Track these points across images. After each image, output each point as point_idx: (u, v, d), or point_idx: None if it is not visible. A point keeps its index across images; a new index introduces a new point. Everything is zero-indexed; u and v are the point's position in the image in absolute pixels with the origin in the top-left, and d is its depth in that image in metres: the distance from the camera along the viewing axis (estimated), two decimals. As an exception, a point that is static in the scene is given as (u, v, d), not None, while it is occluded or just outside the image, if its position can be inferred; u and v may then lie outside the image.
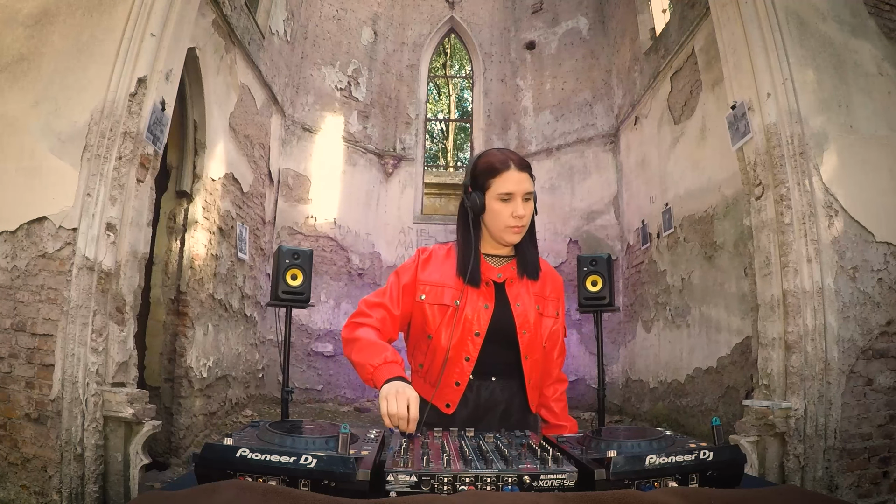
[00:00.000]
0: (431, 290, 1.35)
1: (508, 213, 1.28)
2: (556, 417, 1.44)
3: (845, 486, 2.38)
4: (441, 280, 1.36)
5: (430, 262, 1.40)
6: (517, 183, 1.27)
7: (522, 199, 1.29)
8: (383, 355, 1.18)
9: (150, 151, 2.65)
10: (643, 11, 6.60)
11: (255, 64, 5.55)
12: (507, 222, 1.29)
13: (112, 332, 2.44)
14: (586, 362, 6.85)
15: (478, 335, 1.31)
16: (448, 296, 1.33)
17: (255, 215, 5.89)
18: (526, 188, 1.28)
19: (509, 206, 1.28)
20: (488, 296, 1.34)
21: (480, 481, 0.79)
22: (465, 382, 1.32)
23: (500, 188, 1.28)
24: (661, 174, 5.84)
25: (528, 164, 1.32)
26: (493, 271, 1.37)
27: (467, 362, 1.31)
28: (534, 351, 1.35)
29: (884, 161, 2.72)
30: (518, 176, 1.28)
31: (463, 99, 17.52)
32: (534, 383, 1.37)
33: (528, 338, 1.34)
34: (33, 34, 2.67)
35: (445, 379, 1.31)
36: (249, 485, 0.73)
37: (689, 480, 0.85)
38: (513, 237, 1.32)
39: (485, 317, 1.32)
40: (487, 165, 1.31)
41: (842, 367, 2.45)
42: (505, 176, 1.28)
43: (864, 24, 2.89)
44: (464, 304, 1.32)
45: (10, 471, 2.36)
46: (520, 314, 1.34)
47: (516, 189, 1.27)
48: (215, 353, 4.81)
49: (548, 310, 1.40)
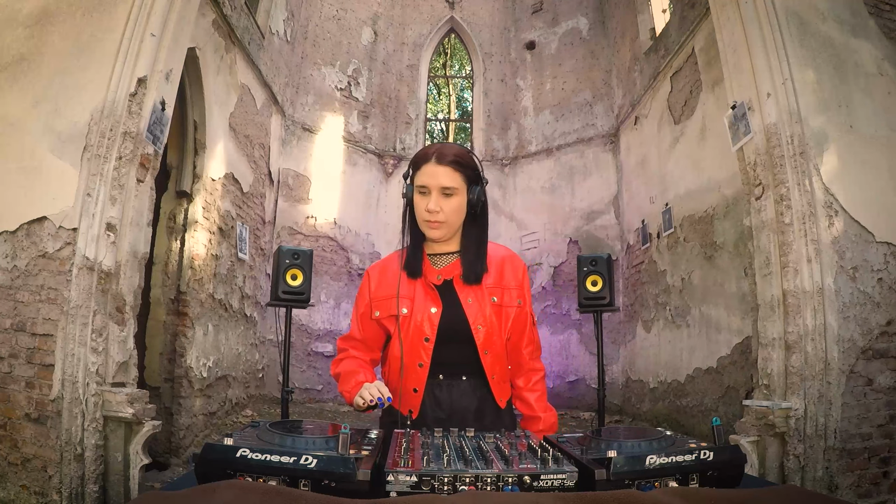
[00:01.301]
0: (382, 303, 1.36)
1: (423, 206, 1.28)
2: (531, 409, 1.40)
3: (845, 486, 2.38)
4: (389, 291, 1.35)
5: (380, 277, 1.40)
6: (431, 176, 1.26)
7: (440, 194, 1.27)
8: (355, 379, 1.27)
9: (150, 151, 2.65)
10: (643, 11, 6.61)
11: (255, 64, 5.55)
12: (422, 216, 1.29)
13: (112, 332, 2.44)
14: (586, 362, 6.85)
15: (427, 340, 1.30)
16: (396, 305, 1.33)
17: (255, 215, 5.89)
18: (442, 182, 1.26)
19: (425, 199, 1.28)
20: (434, 298, 1.32)
21: (480, 481, 0.79)
22: (422, 389, 1.31)
23: (418, 180, 1.29)
24: (661, 174, 5.84)
25: (460, 161, 1.28)
26: (434, 273, 1.35)
27: (421, 368, 1.31)
28: (493, 345, 1.32)
29: (884, 161, 2.72)
30: (434, 169, 1.26)
31: (463, 99, 17.52)
32: (498, 378, 1.34)
33: (484, 332, 1.31)
34: (33, 34, 2.67)
35: (404, 386, 1.31)
36: (249, 485, 0.73)
37: (689, 480, 0.85)
38: (429, 231, 1.30)
39: (433, 320, 1.31)
40: (417, 157, 1.32)
41: (842, 367, 2.45)
42: (423, 168, 1.28)
43: (864, 24, 2.89)
44: (412, 311, 1.31)
45: (10, 471, 2.36)
46: (472, 309, 1.32)
47: (430, 182, 1.26)
48: (215, 353, 4.81)
49: (507, 299, 1.35)
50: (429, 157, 1.28)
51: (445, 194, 1.27)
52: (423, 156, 1.30)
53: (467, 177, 1.30)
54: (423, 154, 1.31)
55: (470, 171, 1.30)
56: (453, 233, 1.34)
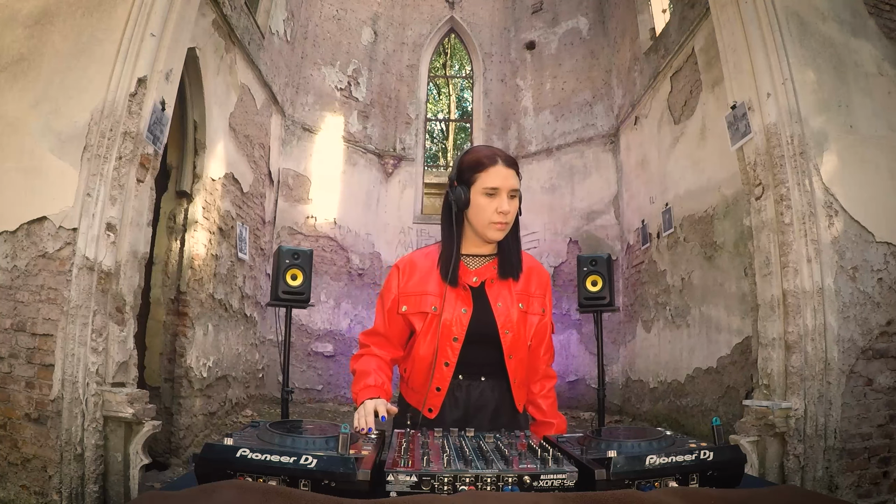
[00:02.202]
0: (412, 299, 1.36)
1: (493, 208, 1.28)
2: (544, 414, 1.43)
3: (845, 486, 2.38)
4: (421, 287, 1.36)
5: (410, 272, 1.39)
6: (503, 178, 1.27)
7: (508, 196, 1.28)
8: (364, 382, 1.29)
9: (150, 151, 2.65)
10: (643, 11, 6.60)
11: (255, 64, 5.55)
12: (491, 218, 1.28)
13: (112, 332, 2.44)
14: (586, 362, 6.85)
15: (456, 340, 1.31)
16: (427, 302, 1.34)
17: (255, 215, 5.89)
18: (512, 185, 1.28)
19: (494, 201, 1.28)
20: (466, 300, 1.33)
21: (480, 481, 0.79)
22: (445, 388, 1.32)
23: (486, 182, 1.28)
24: (661, 174, 5.84)
25: (515, 162, 1.32)
26: (470, 275, 1.36)
27: (447, 367, 1.32)
28: (518, 350, 1.35)
29: (884, 161, 2.72)
30: (505, 172, 1.28)
31: (463, 99, 17.52)
32: (519, 382, 1.37)
33: (511, 337, 1.33)
34: (33, 34, 2.67)
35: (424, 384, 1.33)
36: (249, 485, 0.73)
37: (689, 480, 0.85)
38: (496, 234, 1.31)
39: (463, 321, 1.32)
40: (474, 160, 1.31)
41: (842, 367, 2.45)
42: (491, 171, 1.28)
43: (864, 24, 2.89)
44: (442, 309, 1.31)
45: (10, 471, 2.36)
46: (501, 314, 1.33)
47: (502, 184, 1.27)
48: (215, 353, 4.81)
49: (532, 307, 1.38)
50: (496, 160, 1.28)
51: (511, 196, 1.29)
52: (487, 158, 1.29)
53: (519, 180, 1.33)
54: (485, 156, 1.30)
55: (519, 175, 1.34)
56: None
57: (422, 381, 1.34)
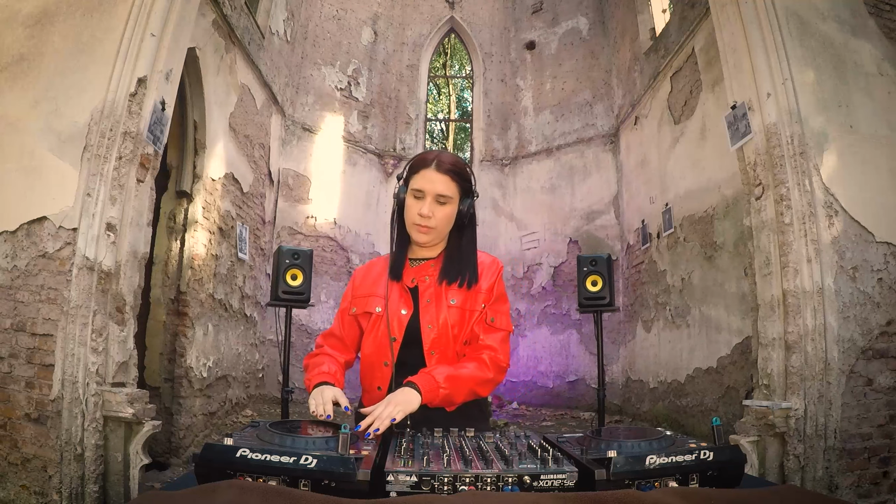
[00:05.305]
0: (360, 300, 1.39)
1: (416, 210, 1.29)
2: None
3: (845, 486, 2.38)
4: (370, 289, 1.38)
5: (365, 275, 1.43)
6: (431, 182, 1.28)
7: (435, 201, 1.28)
8: (318, 370, 1.31)
9: (150, 151, 2.65)
10: (643, 11, 6.60)
11: (255, 64, 5.55)
12: (413, 219, 1.30)
13: (112, 332, 2.44)
14: (586, 362, 6.85)
15: (394, 340, 1.32)
16: (373, 303, 1.36)
17: (255, 215, 5.89)
18: (439, 190, 1.28)
19: (419, 203, 1.29)
20: (407, 301, 1.34)
21: (480, 481, 0.79)
22: (386, 387, 1.32)
23: (415, 184, 1.30)
24: (661, 174, 5.84)
25: (458, 171, 1.30)
26: (409, 274, 1.37)
27: (386, 367, 1.32)
28: (441, 346, 1.30)
29: (884, 161, 2.72)
30: (436, 176, 1.28)
31: (463, 99, 17.51)
32: None
33: (435, 332, 1.30)
34: (33, 34, 2.67)
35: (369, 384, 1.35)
36: (249, 485, 0.73)
37: (689, 480, 0.85)
38: (417, 235, 1.32)
39: (403, 321, 1.32)
40: (415, 161, 1.34)
41: (842, 367, 2.45)
42: (423, 173, 1.29)
43: (864, 24, 2.89)
44: (384, 310, 1.33)
45: (10, 471, 2.36)
46: (426, 308, 1.32)
47: (429, 188, 1.28)
48: (215, 353, 4.81)
49: (469, 302, 1.32)
50: (428, 163, 1.29)
51: (439, 202, 1.29)
52: (421, 160, 1.31)
53: (462, 188, 1.32)
54: (421, 159, 1.32)
55: (465, 183, 1.33)
56: (440, 240, 1.37)
57: (368, 382, 1.37)
